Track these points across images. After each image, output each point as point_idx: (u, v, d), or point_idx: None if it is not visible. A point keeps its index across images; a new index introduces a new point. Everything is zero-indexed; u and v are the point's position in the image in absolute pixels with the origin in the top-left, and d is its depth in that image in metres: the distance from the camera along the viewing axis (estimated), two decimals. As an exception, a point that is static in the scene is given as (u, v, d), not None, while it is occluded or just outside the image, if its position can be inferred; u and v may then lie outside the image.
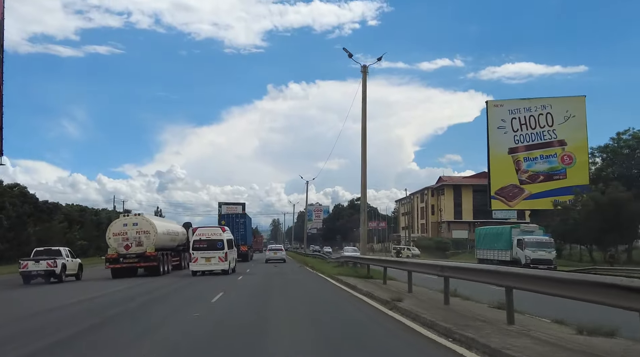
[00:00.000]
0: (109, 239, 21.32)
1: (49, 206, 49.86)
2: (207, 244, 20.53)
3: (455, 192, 69.13)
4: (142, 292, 14.17)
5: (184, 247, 27.07)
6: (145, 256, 21.05)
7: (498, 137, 31.79)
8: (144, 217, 21.93)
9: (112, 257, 21.05)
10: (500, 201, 33.13)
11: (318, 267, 23.95)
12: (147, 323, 8.03)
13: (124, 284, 16.85)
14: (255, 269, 26.08)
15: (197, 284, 16.65)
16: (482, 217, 68.69)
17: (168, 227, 24.19)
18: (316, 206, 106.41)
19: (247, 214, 42.36)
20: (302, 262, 31.99)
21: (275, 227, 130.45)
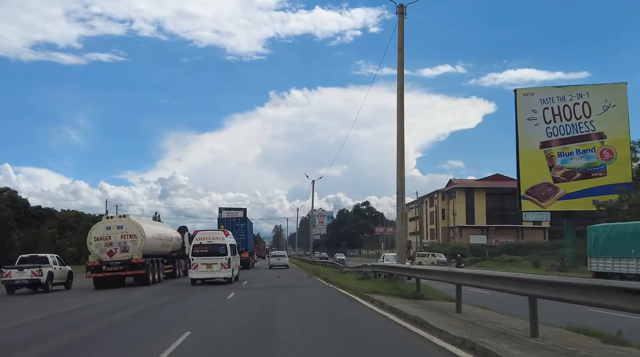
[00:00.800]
0: (90, 245, 18.78)
1: (41, 211, 47.94)
2: (209, 249, 18.62)
3: (468, 195, 67.09)
4: (99, 313, 10.87)
5: (178, 253, 24.47)
6: (132, 264, 18.54)
7: (528, 129, 28.23)
8: (130, 219, 19.28)
9: (94, 265, 18.52)
10: (532, 202, 29.53)
11: (335, 280, 18.37)
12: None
13: (94, 299, 14.60)
14: (255, 280, 21.97)
15: (173, 304, 12.08)
16: (497, 221, 66.42)
17: (159, 231, 21.50)
18: (319, 211, 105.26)
19: (249, 219, 39.35)
20: (311, 272, 26.44)
21: (278, 234, 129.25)
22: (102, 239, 18.64)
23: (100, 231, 18.79)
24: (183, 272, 25.11)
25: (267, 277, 23.49)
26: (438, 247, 58.85)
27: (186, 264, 25.91)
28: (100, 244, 18.63)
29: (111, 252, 18.62)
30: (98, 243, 18.64)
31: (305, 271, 29.93)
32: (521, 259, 38.18)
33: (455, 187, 68.09)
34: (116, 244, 18.65)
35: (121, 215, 19.80)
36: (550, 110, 27.42)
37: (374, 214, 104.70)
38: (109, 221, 19.11)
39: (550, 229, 66.21)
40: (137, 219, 20.11)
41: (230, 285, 17.75)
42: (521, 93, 28.12)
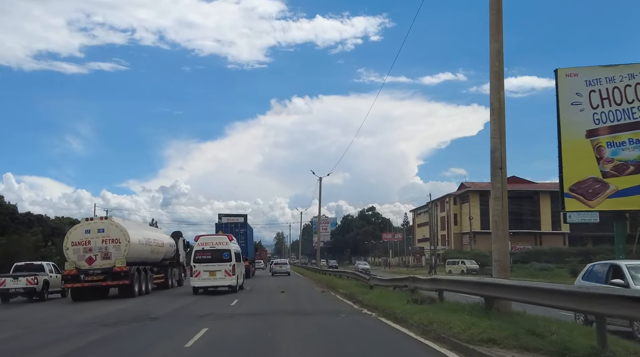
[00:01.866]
0: (67, 250, 16.95)
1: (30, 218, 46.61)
2: (212, 255, 17.87)
3: (482, 198, 65.14)
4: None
5: (171, 261, 22.63)
6: (114, 272, 16.66)
7: (572, 115, 24.56)
8: (113, 222, 17.39)
9: (70, 274, 16.65)
10: (577, 200, 25.46)
11: (369, 301, 12.47)
12: None
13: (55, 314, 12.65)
14: (250, 296, 17.25)
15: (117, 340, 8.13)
16: (513, 226, 64.70)
17: (147, 236, 19.58)
18: (322, 218, 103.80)
19: (249, 225, 37.57)
20: (325, 286, 21.03)
21: (280, 241, 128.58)
22: (81, 244, 16.78)
23: (78, 234, 16.92)
24: (177, 281, 23.35)
25: (266, 292, 18.76)
26: (454, 254, 56.67)
27: (180, 272, 24.34)
28: (79, 250, 16.77)
29: (90, 259, 16.77)
30: (76, 249, 16.79)
31: (316, 283, 24.86)
32: (554, 267, 36.19)
33: (468, 190, 66.23)
34: (96, 249, 16.80)
35: (103, 217, 17.92)
36: (597, 93, 24.38)
37: (380, 220, 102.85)
38: (88, 223, 17.18)
39: (570, 235, 64.54)
40: (121, 221, 18.24)
41: (209, 312, 11.68)
42: (563, 74, 24.88)
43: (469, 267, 39.41)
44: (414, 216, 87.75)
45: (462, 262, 41.09)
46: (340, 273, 27.50)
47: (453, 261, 42.62)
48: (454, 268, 40.62)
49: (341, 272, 27.95)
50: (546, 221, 64.75)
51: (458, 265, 40.72)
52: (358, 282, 19.28)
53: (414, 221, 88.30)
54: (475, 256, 46.21)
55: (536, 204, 65.57)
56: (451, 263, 42.16)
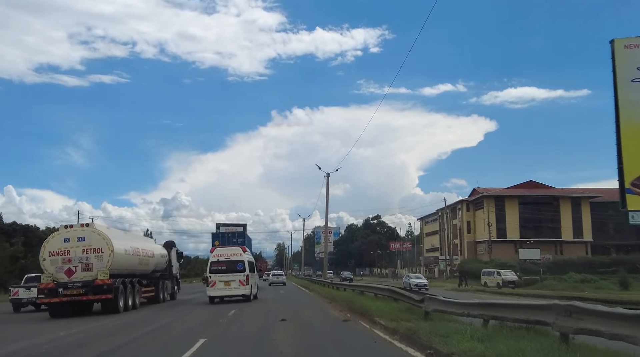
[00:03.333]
0: (44, 261, 16.01)
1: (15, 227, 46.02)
2: (226, 266, 19.51)
3: (498, 204, 64.39)
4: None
5: (162, 272, 21.77)
6: (96, 285, 15.71)
7: (632, 94, 20.96)
8: (95, 229, 16.46)
9: (47, 288, 15.70)
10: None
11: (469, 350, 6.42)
12: None
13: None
14: (241, 317, 13.81)
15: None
16: (531, 234, 63.24)
17: (135, 245, 18.64)
18: (324, 228, 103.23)
19: (247, 234, 37.29)
20: (344, 307, 15.89)
21: (280, 252, 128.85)
22: (59, 254, 15.83)
23: (56, 243, 15.96)
24: (169, 295, 22.45)
25: (257, 318, 13.36)
26: (473, 263, 55.29)
27: (173, 285, 23.49)
28: (57, 261, 15.83)
29: (70, 270, 15.83)
30: (54, 259, 15.83)
31: (328, 302, 19.37)
32: (597, 279, 35.05)
33: (482, 195, 65.24)
34: (76, 260, 15.86)
35: (84, 223, 16.99)
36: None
37: (386, 229, 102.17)
38: (67, 230, 16.20)
39: (593, 243, 63.43)
40: (104, 228, 17.32)
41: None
42: (621, 45, 21.70)
43: (507, 278, 36.89)
44: (422, 225, 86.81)
45: (497, 272, 38.40)
46: (363, 289, 21.12)
47: (488, 272, 39.84)
48: (490, 280, 38.23)
49: (364, 286, 21.69)
50: (567, 229, 64.00)
51: (494, 276, 38.20)
52: (398, 303, 13.84)
53: (421, 230, 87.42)
54: (501, 265, 44.83)
55: (556, 211, 64.63)
56: (487, 274, 39.60)
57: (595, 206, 63.61)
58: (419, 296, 12.14)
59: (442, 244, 74.90)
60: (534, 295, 25.71)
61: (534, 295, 25.71)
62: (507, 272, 38.78)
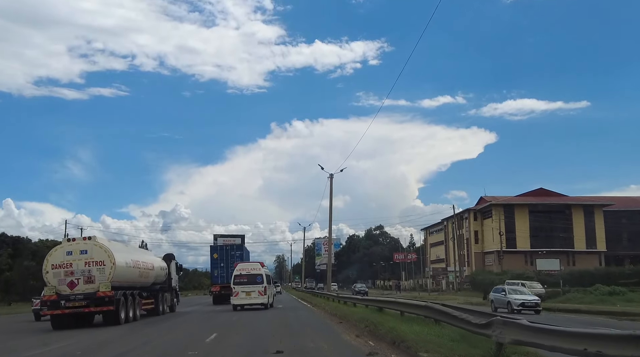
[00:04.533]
0: (47, 274, 17.52)
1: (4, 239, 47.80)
2: (247, 279, 23.75)
3: (507, 213, 65.28)
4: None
5: (162, 285, 23.38)
6: (97, 298, 17.19)
7: None
8: (97, 242, 17.98)
9: (50, 300, 17.18)
10: None
11: None
12: None
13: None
14: (218, 348, 10.86)
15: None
16: (542, 244, 64.20)
17: (135, 258, 20.20)
18: (325, 239, 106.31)
19: (245, 247, 39.03)
20: (365, 332, 12.92)
21: (280, 264, 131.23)
22: (62, 266, 17.33)
23: (59, 256, 17.48)
24: (168, 307, 24.09)
25: (240, 350, 10.57)
26: (485, 275, 55.82)
27: (172, 297, 25.23)
28: (59, 273, 17.33)
29: (72, 283, 17.33)
30: (56, 272, 17.35)
31: (339, 321, 16.79)
32: (625, 291, 34.37)
33: (491, 204, 66.31)
34: (79, 273, 17.35)
35: (86, 237, 18.59)
36: None
37: (389, 239, 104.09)
38: (70, 244, 17.75)
39: (607, 253, 64.64)
40: (106, 242, 18.87)
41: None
42: None
43: (533, 292, 34.67)
44: (426, 235, 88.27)
45: (522, 284, 36.44)
46: (381, 304, 18.56)
47: (512, 284, 36.50)
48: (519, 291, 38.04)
49: (383, 302, 18.89)
50: (580, 238, 64.79)
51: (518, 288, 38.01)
52: (442, 327, 11.16)
53: (426, 241, 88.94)
54: (518, 276, 44.59)
55: (568, 220, 65.66)
56: (509, 285, 39.67)
57: (608, 215, 64.97)
58: (480, 317, 8.87)
59: (448, 254, 76.15)
60: (589, 311, 24.12)
61: (589, 311, 24.12)
62: (533, 284, 37.86)
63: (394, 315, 15.84)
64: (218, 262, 32.88)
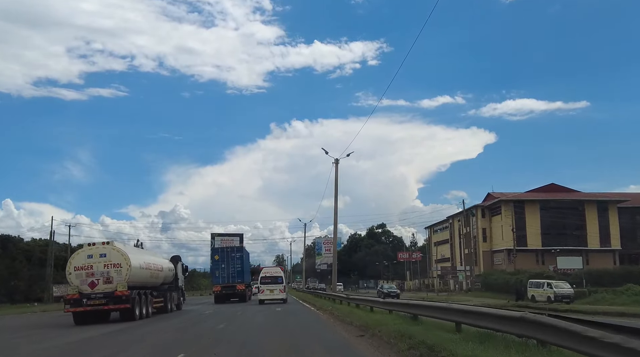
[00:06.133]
0: (70, 275, 21.64)
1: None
2: (271, 280, 33.54)
3: (517, 210, 67.92)
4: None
5: (170, 285, 27.83)
6: (115, 296, 21.28)
7: None
8: (114, 247, 22.22)
9: (73, 298, 21.28)
10: None
11: None
12: None
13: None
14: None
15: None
16: (556, 242, 66.99)
17: (147, 260, 24.59)
18: (325, 238, 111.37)
19: (245, 249, 44.32)
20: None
21: (280, 264, 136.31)
22: (83, 268, 21.45)
23: (80, 259, 21.69)
24: (176, 305, 28.52)
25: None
26: (498, 275, 58.75)
27: (179, 297, 29.73)
28: (81, 275, 21.44)
29: (93, 283, 21.43)
30: (78, 273, 21.47)
31: (361, 332, 13.94)
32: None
33: (500, 200, 69.00)
34: (98, 274, 21.45)
35: (104, 242, 22.69)
36: None
37: (391, 238, 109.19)
38: (90, 248, 22.00)
39: (621, 252, 68.25)
40: (122, 246, 23.15)
41: None
42: None
43: (561, 292, 36.49)
44: (430, 234, 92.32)
45: (548, 284, 37.74)
46: (416, 310, 14.48)
47: (537, 283, 39.64)
48: (538, 293, 38.01)
49: (433, 309, 13.40)
50: (593, 236, 67.67)
51: (544, 289, 37.78)
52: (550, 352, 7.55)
53: (430, 239, 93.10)
54: (537, 275, 46.30)
55: (581, 217, 68.63)
56: (534, 286, 39.39)
57: (623, 212, 68.55)
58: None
59: (454, 253, 79.99)
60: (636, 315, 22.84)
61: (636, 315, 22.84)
62: (560, 283, 38.48)
63: (442, 328, 11.64)
64: (219, 263, 37.79)
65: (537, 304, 34.23)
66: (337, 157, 38.98)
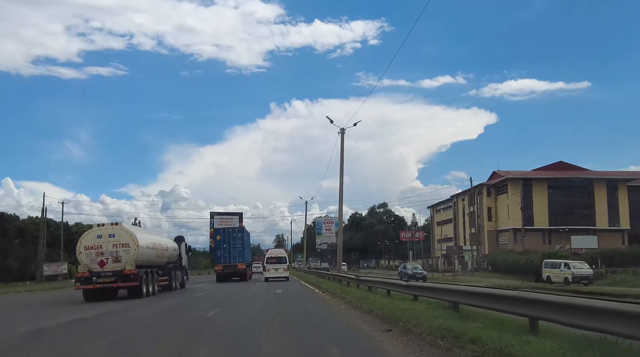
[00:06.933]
0: (80, 254, 23.86)
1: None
2: (276, 260, 40.29)
3: (525, 188, 70.02)
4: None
5: (174, 264, 30.25)
6: (124, 275, 23.47)
7: None
8: (123, 227, 24.43)
9: (83, 276, 23.51)
10: None
11: None
12: None
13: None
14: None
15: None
16: (563, 222, 67.62)
17: (153, 240, 26.87)
18: (326, 218, 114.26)
19: (245, 229, 47.37)
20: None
21: (280, 244, 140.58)
22: (93, 248, 23.66)
23: (90, 239, 23.89)
24: (179, 284, 31.01)
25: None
26: (506, 255, 60.23)
27: (183, 275, 32.28)
28: (91, 254, 23.63)
29: (102, 262, 23.60)
30: (88, 252, 23.68)
31: (389, 326, 11.47)
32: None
33: (506, 178, 70.99)
34: (108, 253, 23.62)
35: (113, 222, 25.00)
36: None
37: (393, 218, 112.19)
38: (100, 228, 24.19)
39: (630, 231, 70.20)
40: (130, 227, 25.44)
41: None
42: None
43: (579, 272, 36.36)
44: (433, 213, 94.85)
45: (566, 265, 37.71)
46: (456, 297, 11.76)
47: (553, 263, 39.64)
48: (555, 274, 38.08)
49: (489, 297, 10.00)
50: (602, 216, 70.16)
51: (560, 270, 37.76)
52: None
53: (432, 219, 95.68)
54: (549, 256, 45.95)
55: (590, 196, 70.99)
56: (550, 266, 39.37)
57: (632, 191, 70.49)
58: None
59: (457, 233, 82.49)
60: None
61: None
62: (578, 264, 38.19)
63: (503, 323, 9.08)
64: (221, 243, 40.50)
65: (554, 285, 34.59)
66: (343, 126, 39.77)
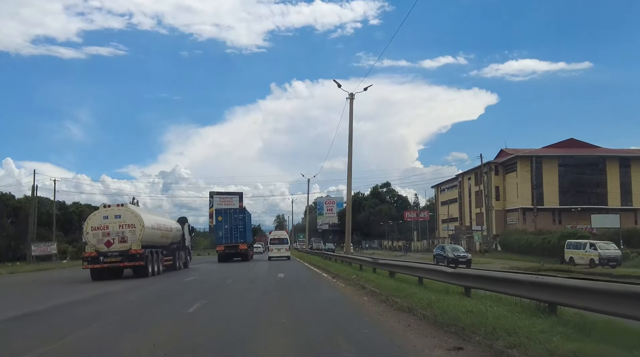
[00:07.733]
0: (87, 235, 26.05)
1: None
2: (278, 241, 48.31)
3: (535, 166, 70.88)
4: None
5: (178, 245, 32.56)
6: (130, 255, 25.64)
7: None
8: (129, 208, 26.59)
9: (91, 256, 25.65)
10: None
11: None
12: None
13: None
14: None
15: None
16: (573, 201, 68.38)
17: (158, 221, 29.07)
18: (327, 198, 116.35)
19: (247, 210, 50.20)
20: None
21: (280, 224, 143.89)
22: (100, 228, 25.83)
23: (97, 220, 26.04)
24: (183, 264, 33.42)
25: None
26: (517, 235, 61.59)
27: (186, 255, 34.67)
28: (98, 234, 25.81)
29: (109, 242, 25.82)
30: (95, 233, 25.85)
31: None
32: None
33: (515, 156, 72.33)
34: (114, 234, 25.81)
35: (119, 204, 27.14)
36: None
37: (396, 198, 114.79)
38: (106, 210, 26.36)
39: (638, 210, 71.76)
40: (135, 208, 27.56)
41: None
42: None
43: (606, 254, 35.81)
44: (437, 193, 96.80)
45: (591, 245, 37.03)
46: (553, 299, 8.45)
47: (577, 244, 39.14)
48: (579, 255, 37.76)
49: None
50: (614, 195, 71.63)
51: (585, 251, 37.23)
52: None
53: (436, 199, 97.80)
54: (568, 236, 45.10)
55: (602, 173, 72.21)
56: (573, 247, 39.02)
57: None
58: None
59: (463, 213, 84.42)
60: None
61: None
62: (604, 244, 37.41)
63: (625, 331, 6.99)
64: (222, 223, 42.79)
65: (578, 267, 34.76)
66: (353, 91, 37.48)
